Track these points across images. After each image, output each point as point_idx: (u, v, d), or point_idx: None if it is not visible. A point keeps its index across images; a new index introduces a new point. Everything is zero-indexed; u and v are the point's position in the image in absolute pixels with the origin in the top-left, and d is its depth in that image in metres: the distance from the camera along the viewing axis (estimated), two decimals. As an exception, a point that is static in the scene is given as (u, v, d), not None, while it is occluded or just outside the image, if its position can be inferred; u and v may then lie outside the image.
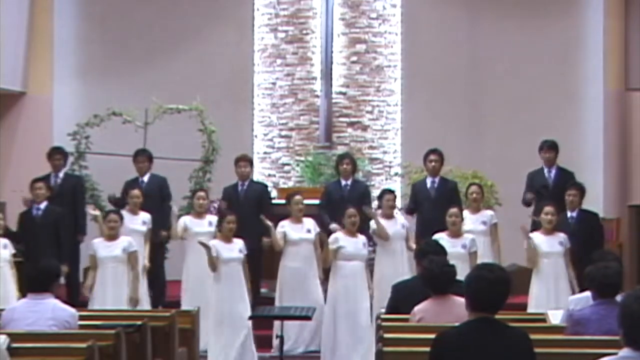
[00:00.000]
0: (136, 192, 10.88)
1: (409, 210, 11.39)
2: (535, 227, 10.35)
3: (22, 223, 10.82)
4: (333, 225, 10.68)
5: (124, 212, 10.45)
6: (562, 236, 9.99)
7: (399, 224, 10.58)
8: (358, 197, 11.04)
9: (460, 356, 4.74)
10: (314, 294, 10.30)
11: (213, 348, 9.68)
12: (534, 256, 9.89)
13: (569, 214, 10.50)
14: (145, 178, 11.54)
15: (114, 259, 9.87)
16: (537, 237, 10.02)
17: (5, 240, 10.10)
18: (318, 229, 10.46)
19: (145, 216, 10.78)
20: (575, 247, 9.94)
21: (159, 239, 11.16)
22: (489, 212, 11.03)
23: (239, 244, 9.81)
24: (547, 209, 10.06)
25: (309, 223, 10.45)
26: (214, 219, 10.74)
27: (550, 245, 9.95)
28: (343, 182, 11.35)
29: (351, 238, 9.85)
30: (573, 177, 11.37)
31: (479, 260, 9.68)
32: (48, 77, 13.88)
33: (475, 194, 10.83)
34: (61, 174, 11.58)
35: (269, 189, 12.25)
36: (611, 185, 13.57)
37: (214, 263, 9.62)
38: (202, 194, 10.96)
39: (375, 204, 11.31)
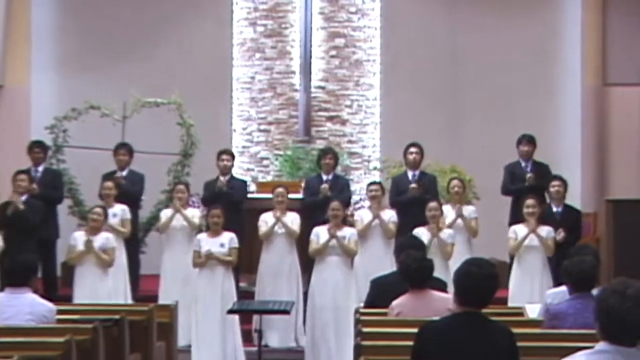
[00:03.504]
0: (109, 184, 10.80)
1: (394, 203, 11.29)
2: (518, 220, 10.38)
3: (1, 215, 10.70)
4: (324, 186, 10.86)
5: None
6: (545, 229, 10.01)
7: (386, 217, 10.55)
8: (338, 191, 11.06)
9: (444, 349, 4.75)
10: (293, 288, 10.31)
11: (197, 343, 9.66)
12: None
13: (554, 208, 10.54)
14: (125, 172, 11.49)
15: (92, 255, 9.82)
16: (520, 230, 10.05)
17: None
18: (296, 223, 10.41)
19: (117, 208, 10.72)
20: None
21: None
22: (470, 207, 11.07)
23: (224, 237, 9.77)
24: (529, 201, 10.11)
25: (290, 217, 10.43)
26: (194, 212, 10.71)
27: (531, 238, 9.99)
28: (324, 177, 11.34)
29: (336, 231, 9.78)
30: (549, 170, 11.42)
31: (457, 255, 9.73)
32: (25, 69, 13.79)
33: (457, 187, 10.87)
34: (41, 168, 11.49)
35: (248, 184, 12.21)
36: (589, 179, 13.63)
37: (197, 260, 9.62)
38: (181, 187, 10.92)
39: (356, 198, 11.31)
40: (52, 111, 12.87)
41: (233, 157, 11.63)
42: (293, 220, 10.42)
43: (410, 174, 11.34)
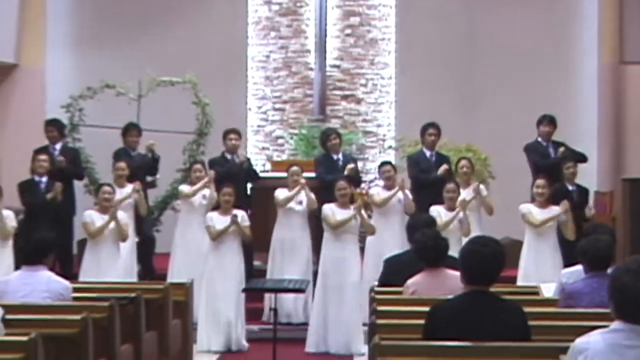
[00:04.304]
0: (122, 164, 10.82)
1: (417, 179, 11.22)
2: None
3: (23, 193, 10.74)
4: (351, 166, 10.90)
5: None
6: (555, 209, 10.02)
7: (400, 195, 10.55)
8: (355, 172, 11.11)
9: (454, 329, 4.76)
10: (305, 265, 10.34)
11: (203, 320, 9.69)
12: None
13: (570, 187, 10.54)
14: (135, 153, 11.52)
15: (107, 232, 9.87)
16: (532, 209, 10.06)
17: (8, 212, 10.01)
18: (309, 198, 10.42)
19: (130, 188, 10.73)
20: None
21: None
22: (481, 186, 11.02)
23: (236, 215, 9.77)
24: (539, 182, 10.12)
25: (303, 195, 10.44)
26: (208, 192, 10.74)
27: (542, 217, 9.99)
28: (335, 157, 11.31)
29: (343, 210, 9.79)
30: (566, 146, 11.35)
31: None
32: (41, 49, 13.80)
33: (465, 167, 10.84)
34: (58, 146, 11.52)
35: (254, 162, 12.12)
36: (605, 158, 13.56)
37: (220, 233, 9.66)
38: (198, 166, 10.94)
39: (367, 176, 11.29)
40: (68, 90, 12.89)
41: (240, 136, 11.60)
42: (309, 194, 10.44)
43: (427, 153, 11.31)
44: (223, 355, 9.50)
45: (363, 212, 9.77)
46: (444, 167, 10.95)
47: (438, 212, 9.88)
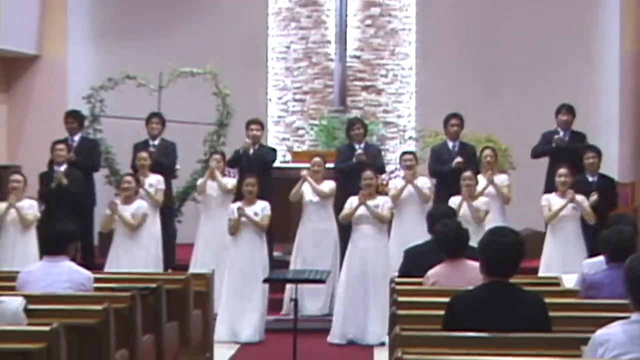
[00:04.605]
0: (143, 154, 10.85)
1: (434, 172, 11.25)
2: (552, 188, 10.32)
3: (42, 184, 10.84)
4: (359, 151, 10.86)
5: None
6: (579, 198, 9.95)
7: (420, 185, 10.54)
8: (370, 158, 11.02)
9: (474, 320, 4.76)
10: (330, 256, 10.35)
11: (224, 310, 9.73)
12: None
13: (589, 177, 10.46)
14: (157, 142, 11.55)
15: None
16: (553, 199, 10.02)
17: (31, 201, 10.12)
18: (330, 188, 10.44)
19: (152, 179, 10.78)
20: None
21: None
22: (503, 176, 11.01)
23: (258, 206, 9.79)
24: (562, 170, 10.07)
25: (326, 185, 10.44)
26: (230, 181, 10.74)
27: (566, 207, 9.95)
28: (357, 147, 11.30)
29: (369, 200, 9.75)
30: (585, 139, 11.32)
31: (491, 224, 9.68)
32: (62, 40, 13.88)
33: (489, 157, 10.81)
34: (77, 138, 11.58)
35: (276, 152, 12.12)
36: (627, 149, 13.49)
37: (234, 227, 9.66)
38: (217, 156, 10.96)
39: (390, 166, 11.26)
40: (89, 81, 12.94)
41: (262, 126, 11.61)
42: (329, 186, 10.43)
43: (450, 144, 11.30)
44: (243, 346, 9.52)
45: (369, 202, 9.68)
46: (458, 159, 10.90)
47: (454, 202, 9.86)
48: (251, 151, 11.24)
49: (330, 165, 10.94)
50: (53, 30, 13.78)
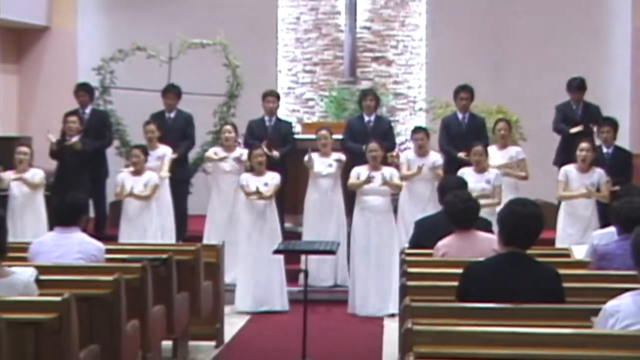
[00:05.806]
0: (151, 127, 10.84)
1: (443, 150, 11.19)
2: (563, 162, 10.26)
3: (57, 149, 10.88)
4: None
5: None
6: (597, 172, 9.91)
7: (430, 161, 10.52)
8: (381, 133, 10.93)
9: (488, 290, 4.75)
10: (337, 227, 10.36)
11: (242, 282, 9.77)
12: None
13: (604, 149, 10.41)
14: (172, 114, 11.55)
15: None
16: (571, 172, 9.93)
17: (37, 170, 10.19)
18: (341, 161, 10.42)
19: (161, 150, 10.78)
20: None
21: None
22: (516, 148, 10.98)
23: (268, 177, 9.81)
24: (583, 145, 9.90)
25: (333, 157, 10.44)
26: (242, 152, 10.72)
27: (581, 182, 9.87)
28: (366, 118, 11.28)
29: (373, 171, 9.78)
30: (599, 112, 11.29)
31: (504, 196, 9.67)
32: (72, 11, 13.86)
33: (503, 130, 10.76)
34: (88, 110, 11.59)
35: (294, 126, 12.12)
36: (638, 121, 13.44)
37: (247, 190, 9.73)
38: (228, 127, 10.94)
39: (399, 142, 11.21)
40: (99, 53, 12.93)
41: (278, 98, 11.58)
42: (339, 157, 10.43)
43: (460, 115, 11.25)
44: (253, 316, 9.56)
45: (375, 172, 9.69)
46: (462, 154, 10.73)
47: (466, 174, 9.81)
48: (267, 124, 11.23)
49: (339, 136, 10.91)
50: (63, 2, 13.77)
